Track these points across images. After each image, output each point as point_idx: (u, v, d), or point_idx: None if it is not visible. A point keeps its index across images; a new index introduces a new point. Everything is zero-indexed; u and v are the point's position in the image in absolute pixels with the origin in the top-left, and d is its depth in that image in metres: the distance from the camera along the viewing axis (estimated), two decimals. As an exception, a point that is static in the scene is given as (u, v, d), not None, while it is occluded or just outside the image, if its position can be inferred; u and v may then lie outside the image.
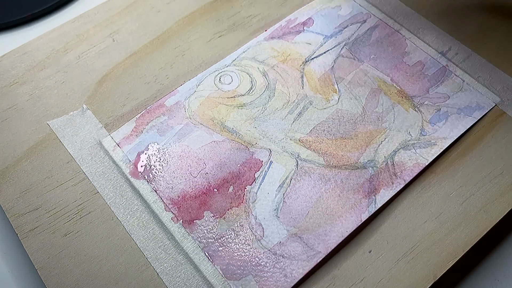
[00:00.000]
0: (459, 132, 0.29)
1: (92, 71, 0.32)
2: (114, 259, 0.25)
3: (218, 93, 0.31)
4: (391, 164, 0.27)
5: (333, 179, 0.27)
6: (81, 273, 0.25)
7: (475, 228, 0.26)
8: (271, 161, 0.28)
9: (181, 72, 0.32)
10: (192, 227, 0.26)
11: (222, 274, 0.24)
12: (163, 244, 0.25)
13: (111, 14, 0.35)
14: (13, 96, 0.31)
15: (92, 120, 0.30)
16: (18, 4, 0.39)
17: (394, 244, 0.25)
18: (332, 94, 0.30)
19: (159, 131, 0.29)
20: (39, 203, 0.27)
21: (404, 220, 0.26)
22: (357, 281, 0.25)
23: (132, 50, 0.33)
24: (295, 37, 0.33)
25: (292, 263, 0.25)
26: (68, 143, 0.29)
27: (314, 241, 0.25)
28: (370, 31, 0.33)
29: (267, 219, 0.26)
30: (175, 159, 0.28)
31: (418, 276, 0.25)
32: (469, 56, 0.32)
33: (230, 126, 0.29)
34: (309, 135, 0.29)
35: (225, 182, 0.27)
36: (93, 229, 0.26)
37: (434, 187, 0.27)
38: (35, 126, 0.30)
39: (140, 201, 0.27)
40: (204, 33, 0.34)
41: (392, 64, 0.32)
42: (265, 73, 0.31)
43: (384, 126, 0.29)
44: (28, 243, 0.26)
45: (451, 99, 0.30)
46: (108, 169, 0.28)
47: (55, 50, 0.33)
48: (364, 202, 0.26)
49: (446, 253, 0.25)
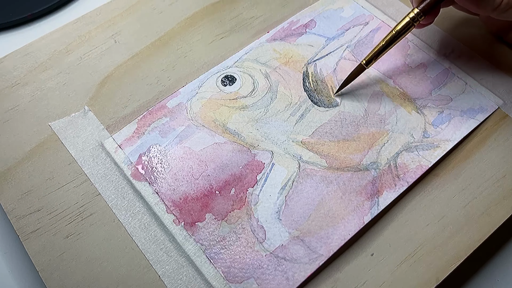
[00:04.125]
0: (462, 134, 0.29)
1: (94, 72, 0.32)
2: (115, 261, 0.25)
3: (220, 95, 0.31)
4: (394, 166, 0.27)
5: (336, 181, 0.27)
6: (82, 275, 0.25)
7: (478, 231, 0.26)
8: (273, 163, 0.28)
9: (183, 73, 0.32)
10: (193, 229, 0.26)
11: (223, 276, 0.24)
12: (164, 246, 0.25)
13: (113, 15, 0.35)
14: (15, 97, 0.31)
15: (93, 121, 0.30)
16: (19, 4, 0.39)
17: (397, 247, 0.25)
18: (334, 97, 0.30)
19: (161, 133, 0.29)
20: (40, 205, 0.27)
21: (407, 223, 0.26)
22: (359, 284, 0.24)
23: (134, 51, 0.33)
24: (297, 39, 0.33)
25: (294, 266, 0.24)
26: (69, 145, 0.29)
27: (316, 244, 0.25)
28: (372, 33, 0.33)
29: (269, 222, 0.26)
30: (177, 161, 0.28)
31: (420, 279, 0.24)
32: (472, 59, 0.32)
33: (232, 128, 0.29)
34: (311, 137, 0.29)
35: (227, 184, 0.27)
36: (94, 231, 0.26)
37: (437, 190, 0.27)
38: (37, 127, 0.30)
39: (142, 203, 0.27)
40: (206, 34, 0.34)
41: (394, 66, 0.32)
42: (267, 75, 0.31)
43: (386, 128, 0.29)
44: (29, 245, 0.26)
45: (454, 101, 0.30)
46: (110, 171, 0.28)
47: (57, 51, 0.33)
48: (367, 204, 0.26)
49: (449, 256, 0.25)
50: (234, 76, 0.31)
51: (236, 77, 0.31)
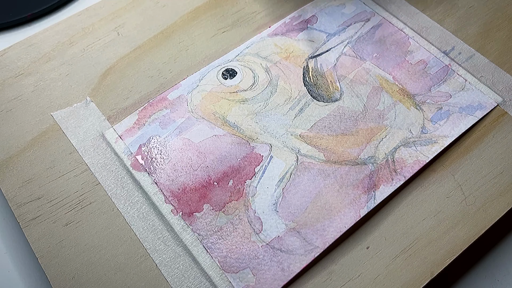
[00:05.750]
0: (460, 130, 0.29)
1: (96, 64, 0.32)
2: (113, 249, 0.25)
3: (221, 88, 0.31)
4: (391, 160, 0.28)
5: (333, 175, 0.27)
6: (81, 262, 0.25)
7: (474, 227, 0.26)
8: (271, 156, 0.28)
9: (185, 66, 0.32)
10: (191, 219, 0.26)
11: (220, 266, 0.24)
12: (162, 235, 0.26)
13: (116, 8, 0.35)
14: (18, 87, 0.32)
15: (95, 112, 0.30)
16: (19, 4, 0.39)
17: (392, 241, 0.26)
18: (334, 92, 0.31)
19: (161, 124, 0.29)
20: (41, 193, 0.27)
21: (403, 217, 0.26)
22: (354, 276, 0.25)
23: (137, 44, 0.33)
24: (298, 34, 0.33)
25: (290, 257, 0.25)
26: (71, 135, 0.29)
27: (312, 236, 0.25)
28: (373, 29, 0.33)
29: (266, 213, 0.26)
30: (176, 152, 0.28)
31: (415, 273, 0.25)
32: (472, 56, 0.32)
33: (232, 120, 0.29)
34: (310, 130, 0.29)
35: (225, 175, 0.27)
36: (93, 220, 0.26)
37: (434, 185, 0.27)
38: (39, 117, 0.30)
39: (141, 193, 0.27)
40: (208, 28, 0.34)
41: (394, 63, 0.32)
42: (267, 69, 0.32)
43: (385, 123, 0.29)
44: (29, 232, 0.26)
45: (453, 98, 0.30)
46: (110, 161, 0.28)
47: (61, 43, 0.34)
48: (363, 197, 0.26)
49: (444, 251, 0.25)
50: (235, 70, 0.32)
51: (236, 71, 0.31)
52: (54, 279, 0.25)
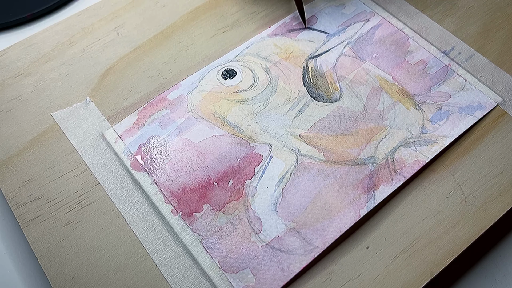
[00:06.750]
0: (460, 130, 0.29)
1: (96, 64, 0.32)
2: (113, 249, 0.25)
3: (220, 88, 0.31)
4: (391, 160, 0.28)
5: (333, 175, 0.27)
6: (80, 262, 0.25)
7: (474, 227, 0.26)
8: (271, 156, 0.28)
9: (184, 66, 0.32)
10: (191, 219, 0.26)
11: (219, 266, 0.24)
12: (162, 235, 0.26)
13: (116, 8, 0.35)
14: (18, 87, 0.32)
15: (95, 112, 0.30)
16: (19, 4, 0.39)
17: (392, 241, 0.26)
18: (334, 92, 0.31)
19: (161, 124, 0.29)
20: (41, 193, 0.27)
21: (403, 218, 0.26)
22: (353, 276, 0.25)
23: (136, 44, 0.33)
24: (298, 35, 0.33)
25: (290, 257, 0.25)
26: (71, 135, 0.29)
27: (312, 236, 0.25)
28: (373, 29, 0.33)
29: (266, 213, 0.26)
30: (176, 152, 0.28)
31: (415, 273, 0.25)
32: (472, 56, 0.32)
33: (232, 120, 0.29)
34: (309, 131, 0.29)
35: (225, 176, 0.27)
36: (93, 220, 0.26)
37: (434, 185, 0.27)
38: (39, 117, 0.30)
39: (141, 193, 0.27)
40: (208, 28, 0.34)
41: (394, 63, 0.32)
42: (267, 69, 0.32)
43: (384, 123, 0.29)
44: (29, 232, 0.26)
45: (453, 98, 0.30)
46: (110, 161, 0.28)
47: (60, 43, 0.34)
48: (363, 197, 0.26)
49: (444, 251, 0.25)
50: (234, 70, 0.32)
51: (236, 71, 0.31)
52: (54, 279, 0.25)
